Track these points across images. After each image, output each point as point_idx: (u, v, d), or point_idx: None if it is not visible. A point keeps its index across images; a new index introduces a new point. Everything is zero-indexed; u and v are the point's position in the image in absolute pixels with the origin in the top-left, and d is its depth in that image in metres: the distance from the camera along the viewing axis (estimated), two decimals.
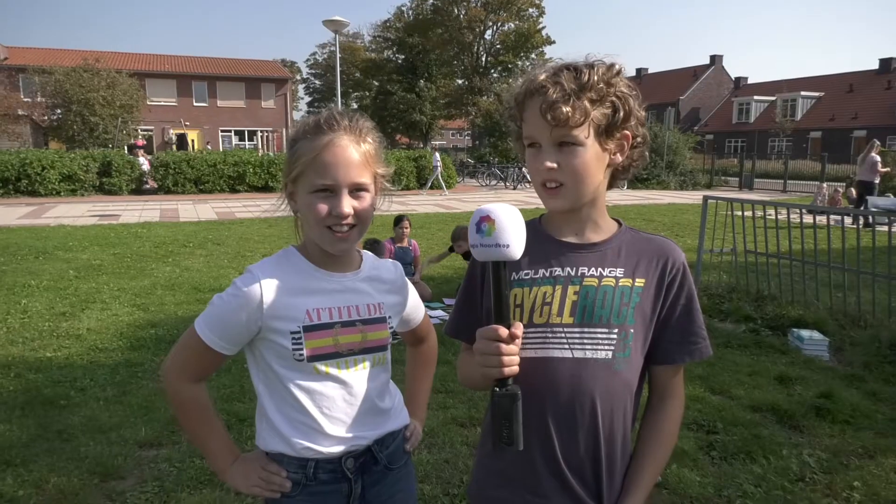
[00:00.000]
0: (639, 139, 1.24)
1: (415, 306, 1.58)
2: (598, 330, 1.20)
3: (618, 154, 1.22)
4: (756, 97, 51.10)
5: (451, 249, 6.88)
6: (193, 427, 1.44)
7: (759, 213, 6.35)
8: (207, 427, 1.42)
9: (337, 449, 1.37)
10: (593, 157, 1.17)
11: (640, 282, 1.23)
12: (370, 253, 1.50)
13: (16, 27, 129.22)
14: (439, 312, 5.91)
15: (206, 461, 1.48)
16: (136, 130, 32.75)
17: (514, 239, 1.06)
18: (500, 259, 1.07)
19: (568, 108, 1.12)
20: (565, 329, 1.20)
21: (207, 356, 1.34)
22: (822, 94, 47.24)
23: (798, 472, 3.12)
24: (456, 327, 1.38)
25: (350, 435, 1.38)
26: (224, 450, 1.42)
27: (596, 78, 1.15)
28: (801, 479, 3.07)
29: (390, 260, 1.54)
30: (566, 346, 1.20)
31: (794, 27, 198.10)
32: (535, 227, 1.28)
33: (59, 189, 18.76)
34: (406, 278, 1.55)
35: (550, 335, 1.21)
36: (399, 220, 6.83)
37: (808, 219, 7.29)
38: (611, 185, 1.27)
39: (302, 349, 1.31)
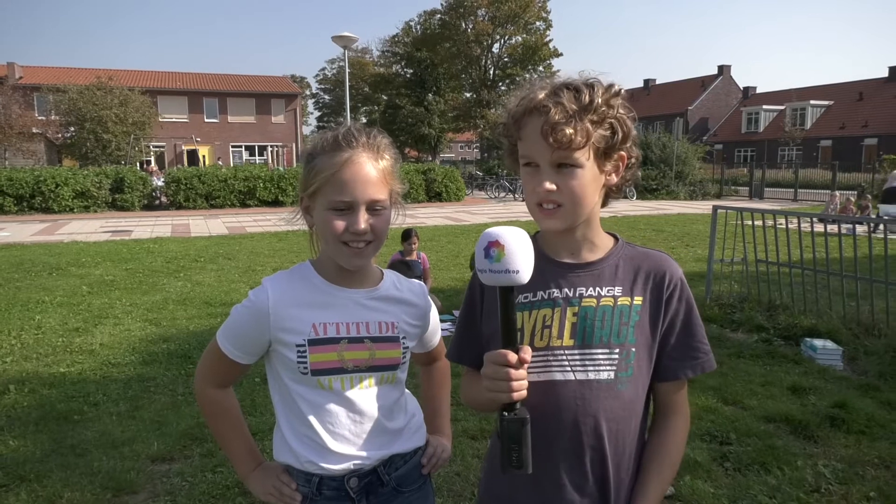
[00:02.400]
0: (633, 160, 1.22)
1: (434, 330, 1.57)
2: (599, 351, 1.19)
3: (613, 175, 1.21)
4: (765, 106, 50.98)
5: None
6: (218, 430, 1.48)
7: (770, 223, 6.32)
8: (232, 431, 1.46)
9: (339, 466, 1.36)
10: (591, 179, 1.16)
11: (638, 300, 1.22)
12: (395, 273, 1.49)
13: (30, 47, 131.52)
14: (449, 325, 5.91)
15: (231, 464, 1.51)
16: (149, 147, 33.12)
17: (523, 264, 1.04)
18: (509, 284, 1.06)
19: (571, 131, 1.10)
20: (566, 351, 1.19)
21: (226, 364, 1.39)
22: (832, 102, 47.07)
23: (813, 483, 3.08)
24: (458, 352, 1.37)
25: (353, 453, 1.36)
26: (246, 455, 1.46)
27: (599, 100, 1.13)
28: (817, 490, 3.03)
29: (417, 281, 1.52)
30: (568, 369, 1.19)
31: (801, 36, 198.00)
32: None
33: (72, 206, 18.98)
34: (431, 302, 1.52)
35: (552, 358, 1.20)
36: (407, 234, 6.83)
37: (819, 228, 7.24)
38: (603, 204, 1.26)
39: (306, 362, 1.32)
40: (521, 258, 1.04)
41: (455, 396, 4.28)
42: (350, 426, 1.36)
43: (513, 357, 1.07)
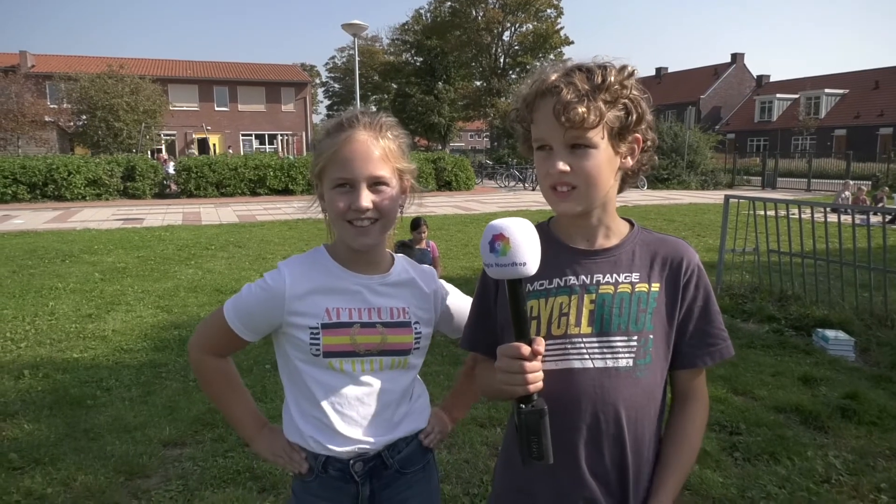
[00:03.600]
0: (648, 143, 1.20)
1: (464, 313, 1.53)
2: (617, 338, 1.17)
3: (629, 158, 1.19)
4: (779, 95, 50.37)
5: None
6: (217, 396, 1.51)
7: (783, 213, 6.27)
8: (233, 395, 1.49)
9: (344, 449, 1.37)
10: (606, 161, 1.14)
11: (655, 286, 1.20)
12: (406, 258, 1.49)
13: (42, 35, 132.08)
14: None
15: (235, 430, 1.54)
16: (159, 135, 33.22)
17: (530, 255, 1.03)
18: (517, 277, 1.04)
19: (583, 109, 1.08)
20: (584, 339, 1.18)
21: (229, 337, 1.40)
22: (847, 91, 46.46)
23: (823, 474, 3.08)
24: (471, 340, 1.35)
25: (359, 437, 1.38)
26: (249, 418, 1.49)
27: (612, 79, 1.11)
28: (827, 481, 3.02)
29: (429, 267, 1.52)
30: (586, 357, 1.18)
31: (816, 24, 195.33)
32: (546, 232, 1.24)
33: (84, 193, 19.12)
34: (442, 288, 1.52)
35: (570, 346, 1.18)
36: (416, 224, 6.81)
37: (832, 218, 7.15)
38: (620, 189, 1.24)
39: (319, 345, 1.34)
40: (528, 249, 1.03)
41: None
42: (358, 408, 1.38)
43: (526, 350, 1.06)
